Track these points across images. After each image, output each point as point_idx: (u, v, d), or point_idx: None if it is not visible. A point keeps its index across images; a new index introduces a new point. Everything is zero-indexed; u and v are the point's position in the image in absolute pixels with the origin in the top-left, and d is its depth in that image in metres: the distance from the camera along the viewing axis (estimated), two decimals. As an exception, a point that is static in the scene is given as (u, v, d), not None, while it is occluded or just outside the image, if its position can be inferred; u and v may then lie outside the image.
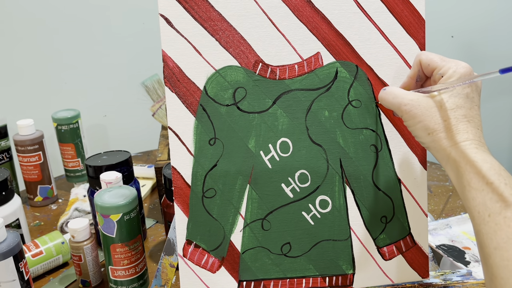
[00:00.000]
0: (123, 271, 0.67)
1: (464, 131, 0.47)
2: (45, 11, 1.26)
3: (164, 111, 1.03)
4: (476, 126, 0.48)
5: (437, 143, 0.48)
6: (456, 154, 0.47)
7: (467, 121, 0.48)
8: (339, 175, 0.58)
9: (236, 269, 0.59)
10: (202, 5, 0.54)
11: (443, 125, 0.48)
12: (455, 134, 0.47)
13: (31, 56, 1.29)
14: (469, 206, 0.45)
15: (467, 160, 0.46)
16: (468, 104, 0.48)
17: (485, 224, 0.43)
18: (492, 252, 0.42)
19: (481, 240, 0.43)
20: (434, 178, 1.05)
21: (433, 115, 0.48)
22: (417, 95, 0.50)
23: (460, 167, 0.46)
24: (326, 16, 0.56)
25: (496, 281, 0.40)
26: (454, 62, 0.50)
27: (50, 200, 1.01)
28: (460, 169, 0.46)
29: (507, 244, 0.40)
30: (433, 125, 0.48)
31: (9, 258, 0.60)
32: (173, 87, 0.55)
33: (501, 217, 0.42)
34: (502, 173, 0.44)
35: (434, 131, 0.48)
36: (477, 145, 0.46)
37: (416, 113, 0.49)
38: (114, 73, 1.35)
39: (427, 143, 0.49)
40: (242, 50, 0.55)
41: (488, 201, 0.43)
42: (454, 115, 0.48)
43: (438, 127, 0.48)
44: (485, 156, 0.45)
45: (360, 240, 0.60)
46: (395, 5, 0.56)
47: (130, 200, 0.65)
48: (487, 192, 0.43)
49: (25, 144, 0.95)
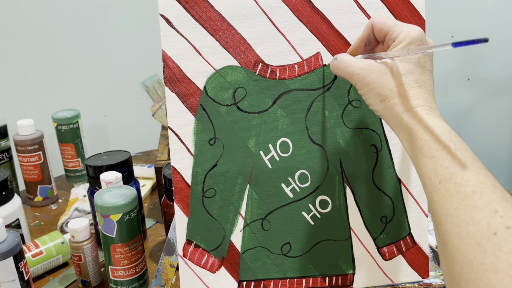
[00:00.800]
0: (123, 271, 0.67)
1: (415, 96, 0.46)
2: (45, 11, 1.26)
3: (164, 111, 1.03)
4: (427, 92, 0.47)
5: (389, 110, 0.48)
6: (408, 120, 0.46)
7: (418, 86, 0.47)
8: (339, 175, 0.58)
9: (236, 269, 0.59)
10: (202, 5, 0.54)
11: (395, 91, 0.47)
12: (406, 100, 0.47)
13: (31, 56, 1.29)
14: (421, 173, 0.44)
15: (418, 126, 0.45)
16: (419, 69, 0.47)
17: (436, 191, 0.42)
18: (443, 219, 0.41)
19: (432, 207, 0.43)
20: (434, 178, 1.05)
21: (385, 81, 0.48)
22: (369, 63, 0.49)
23: (412, 134, 0.46)
24: (326, 16, 0.56)
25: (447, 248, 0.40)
26: (406, 26, 0.48)
27: (50, 200, 1.01)
28: (412, 136, 0.46)
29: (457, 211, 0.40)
30: (385, 92, 0.47)
31: (9, 258, 0.60)
32: (173, 87, 0.55)
33: (451, 183, 0.41)
34: (453, 138, 0.44)
35: (386, 98, 0.47)
36: (428, 111, 0.46)
37: (368, 80, 0.48)
38: (114, 73, 1.35)
39: (380, 111, 0.49)
40: (242, 50, 0.55)
41: (438, 167, 0.42)
42: (406, 81, 0.47)
43: (390, 93, 0.47)
44: (436, 121, 0.45)
45: (360, 240, 0.60)
46: (395, 5, 0.56)
47: (130, 200, 0.65)
48: (438, 159, 0.43)
49: (25, 144, 0.95)
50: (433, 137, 0.44)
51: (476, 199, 0.39)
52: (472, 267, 0.37)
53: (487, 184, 0.40)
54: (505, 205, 0.38)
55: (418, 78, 0.47)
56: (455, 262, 0.38)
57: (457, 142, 0.43)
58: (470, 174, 0.41)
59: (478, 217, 0.38)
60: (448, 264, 0.39)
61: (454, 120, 1.48)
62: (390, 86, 0.47)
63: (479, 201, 0.39)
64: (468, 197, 0.39)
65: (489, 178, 0.41)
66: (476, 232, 0.37)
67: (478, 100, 1.45)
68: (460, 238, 0.38)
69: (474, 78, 1.42)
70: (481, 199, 0.39)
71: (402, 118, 0.46)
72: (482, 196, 0.39)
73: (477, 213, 0.38)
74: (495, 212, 0.37)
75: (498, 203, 0.38)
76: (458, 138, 0.44)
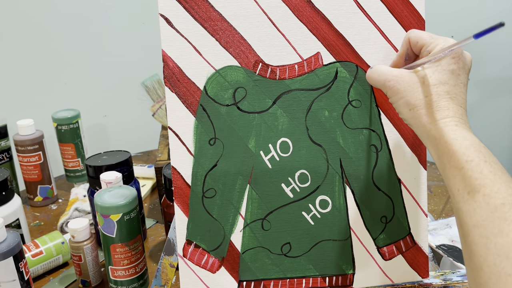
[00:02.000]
0: (123, 271, 0.67)
1: (445, 107, 0.46)
2: (45, 11, 1.26)
3: (164, 111, 1.03)
4: (459, 104, 0.47)
5: (418, 119, 0.48)
6: (436, 131, 0.46)
7: (450, 98, 0.47)
8: (339, 175, 0.58)
9: (236, 269, 0.59)
10: (202, 5, 0.54)
11: (424, 101, 0.47)
12: (435, 111, 0.46)
13: (31, 56, 1.29)
14: (449, 184, 0.44)
15: (447, 137, 0.45)
16: (452, 81, 0.47)
17: (465, 202, 0.42)
18: (471, 230, 0.41)
19: (460, 218, 0.43)
20: (434, 178, 1.05)
21: (415, 90, 0.48)
22: (401, 71, 0.49)
23: (440, 144, 0.45)
24: (326, 16, 0.56)
25: (475, 258, 0.40)
26: (443, 38, 0.49)
27: (50, 200, 1.01)
28: (440, 147, 0.45)
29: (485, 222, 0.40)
30: (415, 101, 0.47)
31: (9, 258, 0.60)
32: (173, 87, 0.55)
33: (480, 195, 0.41)
34: (482, 150, 0.43)
35: (415, 107, 0.47)
36: (457, 122, 0.46)
37: (399, 88, 0.48)
38: (114, 73, 1.35)
39: (409, 119, 0.49)
40: (242, 50, 0.55)
41: (467, 179, 0.42)
42: (436, 91, 0.47)
43: (420, 102, 0.47)
44: (465, 133, 0.45)
45: (360, 240, 0.60)
46: (395, 5, 0.56)
47: (130, 200, 0.65)
48: (467, 170, 0.43)
49: (25, 144, 0.95)
50: (462, 148, 0.44)
51: (506, 212, 0.39)
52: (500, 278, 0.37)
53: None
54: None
55: (450, 90, 0.47)
56: (483, 272, 0.39)
57: (486, 154, 0.43)
58: (499, 186, 0.41)
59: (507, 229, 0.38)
60: (475, 274, 0.40)
61: (454, 120, 1.47)
62: (419, 95, 0.47)
63: (508, 214, 0.39)
64: (497, 209, 0.40)
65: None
66: (505, 243, 0.38)
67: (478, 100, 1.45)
68: (488, 249, 0.39)
69: (474, 78, 1.42)
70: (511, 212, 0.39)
71: (430, 128, 0.46)
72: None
73: (506, 225, 0.38)
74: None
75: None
76: (488, 151, 0.44)
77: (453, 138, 0.45)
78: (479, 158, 0.43)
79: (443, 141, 0.45)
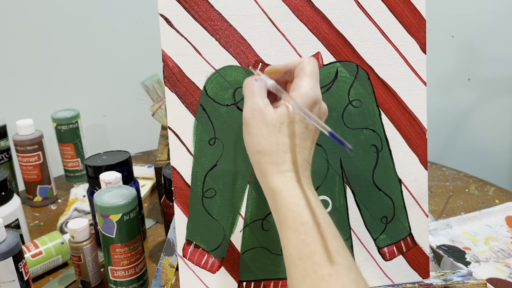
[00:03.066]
0: (122, 271, 0.67)
1: (291, 161, 0.44)
2: (44, 11, 1.26)
3: (164, 111, 1.02)
4: (305, 158, 0.45)
5: (262, 165, 0.45)
6: (276, 184, 0.44)
7: (298, 151, 0.45)
8: (339, 175, 0.58)
9: (236, 270, 0.59)
10: (202, 5, 0.54)
11: (275, 149, 0.44)
12: (281, 162, 0.44)
13: (30, 56, 1.29)
14: (284, 245, 0.42)
15: (286, 194, 0.43)
16: (304, 135, 0.45)
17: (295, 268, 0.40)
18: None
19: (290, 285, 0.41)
20: (435, 178, 1.05)
21: (270, 134, 0.45)
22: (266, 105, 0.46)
23: (278, 200, 0.43)
24: (326, 15, 0.56)
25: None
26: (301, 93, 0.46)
27: (49, 200, 1.01)
28: (278, 202, 0.44)
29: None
30: (265, 145, 0.45)
31: (9, 259, 0.60)
32: (173, 87, 0.55)
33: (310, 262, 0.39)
34: (317, 212, 0.42)
35: (264, 151, 0.45)
36: (299, 178, 0.44)
37: (255, 123, 0.45)
38: (114, 73, 1.35)
39: (254, 162, 0.46)
40: (242, 50, 0.55)
41: (300, 243, 0.41)
42: (289, 143, 0.45)
43: (270, 148, 0.45)
44: (305, 191, 0.43)
45: (360, 241, 0.59)
46: (395, 5, 0.56)
47: (129, 200, 0.65)
48: (300, 233, 0.41)
49: (24, 144, 0.95)
50: (298, 208, 0.42)
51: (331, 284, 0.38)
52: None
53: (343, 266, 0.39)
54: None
55: (300, 143, 0.45)
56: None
57: (321, 216, 0.42)
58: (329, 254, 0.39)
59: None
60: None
61: (454, 120, 1.47)
62: (272, 141, 0.45)
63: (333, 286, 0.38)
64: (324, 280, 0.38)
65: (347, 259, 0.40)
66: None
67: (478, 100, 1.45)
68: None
69: (474, 78, 1.42)
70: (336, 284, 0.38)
71: (271, 179, 0.44)
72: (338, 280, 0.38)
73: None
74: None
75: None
76: (324, 211, 0.43)
77: (292, 196, 0.43)
78: (313, 221, 0.41)
79: (282, 197, 0.43)
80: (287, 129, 0.45)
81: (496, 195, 0.97)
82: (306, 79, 0.46)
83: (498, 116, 1.47)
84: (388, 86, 0.57)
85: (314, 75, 0.47)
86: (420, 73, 0.57)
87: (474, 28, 1.36)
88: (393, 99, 0.58)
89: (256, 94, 0.46)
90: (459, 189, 1.00)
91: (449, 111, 1.45)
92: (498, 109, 1.46)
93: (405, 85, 0.57)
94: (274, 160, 0.45)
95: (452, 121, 1.47)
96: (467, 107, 1.46)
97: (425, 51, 0.57)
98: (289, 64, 0.49)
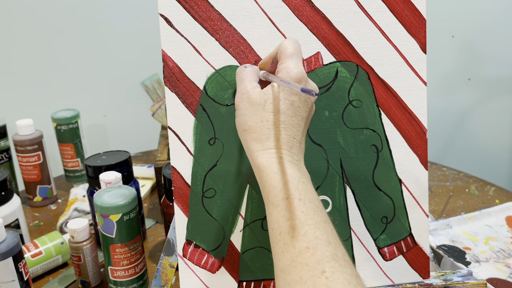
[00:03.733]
0: (122, 271, 0.67)
1: (275, 137, 0.45)
2: (44, 11, 1.26)
3: (164, 111, 1.02)
4: (292, 135, 0.45)
5: (248, 143, 0.46)
6: (261, 161, 0.44)
7: (284, 127, 0.45)
8: (340, 175, 0.58)
9: (236, 269, 0.59)
10: (202, 5, 0.54)
11: (260, 126, 0.45)
12: (266, 139, 0.45)
13: (30, 56, 1.29)
14: (268, 221, 0.43)
15: (269, 170, 0.43)
16: (290, 112, 0.45)
17: (276, 242, 0.41)
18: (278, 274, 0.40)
19: (273, 259, 0.41)
20: (435, 178, 1.05)
21: (255, 112, 0.46)
22: (254, 87, 0.47)
23: (262, 176, 0.44)
24: (326, 15, 0.56)
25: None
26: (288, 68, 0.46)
27: (49, 200, 1.01)
28: (262, 179, 0.44)
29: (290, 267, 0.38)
30: (251, 123, 0.46)
31: (9, 259, 0.60)
32: (173, 87, 0.55)
33: (289, 237, 0.40)
34: (300, 187, 0.42)
35: (249, 129, 0.46)
36: (283, 155, 0.44)
37: (243, 105, 0.47)
38: (113, 73, 1.35)
39: (242, 142, 0.47)
40: (242, 49, 0.55)
41: (281, 218, 0.41)
42: (272, 119, 0.45)
43: (255, 126, 0.45)
44: (288, 167, 0.43)
45: (360, 241, 0.59)
46: (395, 5, 0.56)
47: (129, 200, 0.65)
48: (281, 208, 0.41)
49: (24, 144, 0.95)
50: (280, 184, 0.42)
51: (308, 257, 0.38)
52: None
53: (322, 240, 0.39)
54: (333, 265, 0.37)
55: (286, 120, 0.45)
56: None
57: (303, 191, 0.42)
58: (308, 228, 0.40)
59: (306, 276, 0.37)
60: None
61: (454, 120, 1.47)
62: (256, 119, 0.46)
63: (310, 259, 0.38)
64: (301, 254, 0.38)
65: (326, 233, 0.40)
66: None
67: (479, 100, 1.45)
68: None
69: (474, 78, 1.42)
70: (313, 257, 0.38)
71: (257, 156, 0.45)
72: (314, 254, 0.38)
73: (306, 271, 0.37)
74: (322, 273, 0.37)
75: (328, 262, 0.37)
76: (306, 187, 0.43)
77: (274, 172, 0.43)
78: (293, 196, 0.41)
79: (265, 173, 0.44)
80: (271, 106, 0.45)
81: (496, 195, 0.97)
82: (286, 61, 0.47)
83: (498, 116, 1.47)
84: (388, 86, 0.57)
85: (295, 55, 0.47)
86: (420, 73, 0.57)
87: (474, 28, 1.36)
88: (393, 99, 0.58)
89: (245, 80, 0.48)
90: (459, 189, 1.00)
91: (449, 111, 1.45)
92: (498, 109, 1.46)
93: (405, 85, 0.57)
94: (258, 137, 0.45)
95: (452, 121, 1.47)
96: (467, 107, 1.46)
97: (425, 51, 0.57)
98: (271, 52, 0.50)
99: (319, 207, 0.42)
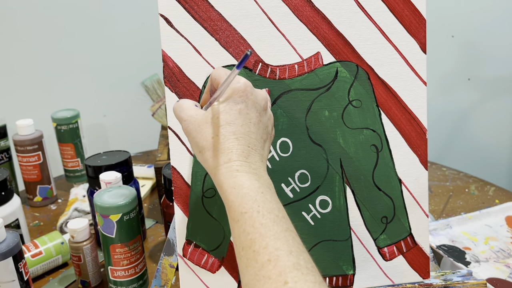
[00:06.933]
0: (122, 271, 0.67)
1: (229, 150, 0.44)
2: (44, 11, 1.26)
3: (164, 111, 1.02)
4: (246, 144, 0.45)
5: (206, 163, 0.45)
6: (219, 177, 0.44)
7: (235, 138, 0.44)
8: (339, 175, 0.58)
9: (236, 269, 0.59)
10: (202, 5, 0.54)
11: (211, 143, 0.45)
12: (220, 154, 0.44)
13: (30, 56, 1.29)
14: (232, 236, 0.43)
15: (226, 186, 0.43)
16: (239, 121, 0.45)
17: (240, 258, 0.41)
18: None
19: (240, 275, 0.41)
20: (435, 178, 1.05)
21: (204, 132, 0.45)
22: (197, 111, 0.47)
23: (221, 193, 0.44)
24: (326, 15, 0.56)
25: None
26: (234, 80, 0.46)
27: (49, 200, 1.01)
28: (222, 196, 0.44)
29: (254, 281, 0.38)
30: (203, 143, 0.45)
31: (9, 259, 0.60)
32: (173, 87, 0.55)
33: (251, 251, 0.39)
34: (258, 198, 0.42)
35: (203, 149, 0.45)
36: (239, 166, 0.44)
37: (191, 129, 0.46)
38: (114, 73, 1.34)
39: (201, 163, 0.47)
40: (242, 50, 0.55)
41: (242, 233, 0.41)
42: (222, 132, 0.45)
43: (207, 144, 0.45)
44: (245, 178, 0.43)
45: (360, 241, 0.59)
46: (395, 5, 0.56)
47: (129, 200, 0.65)
48: (242, 223, 0.41)
49: (24, 144, 0.95)
50: (238, 198, 0.42)
51: (270, 269, 0.38)
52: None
53: (283, 250, 0.39)
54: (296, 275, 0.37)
55: (237, 130, 0.45)
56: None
57: (261, 203, 0.42)
58: (268, 240, 0.39)
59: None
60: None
61: (454, 120, 1.47)
62: (207, 137, 0.45)
63: (272, 272, 0.38)
64: (264, 267, 0.38)
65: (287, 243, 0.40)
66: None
67: (478, 100, 1.45)
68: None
69: (474, 78, 1.42)
70: (275, 269, 0.38)
71: (214, 173, 0.45)
72: (276, 266, 0.38)
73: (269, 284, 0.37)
74: (285, 284, 0.37)
75: (290, 273, 0.37)
76: (265, 197, 0.42)
77: (231, 187, 0.43)
78: (252, 209, 0.41)
79: (223, 189, 0.43)
80: (218, 120, 0.45)
81: (496, 195, 0.97)
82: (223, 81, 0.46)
83: (498, 116, 1.47)
84: (388, 86, 0.57)
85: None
86: (420, 73, 0.57)
87: (474, 28, 1.36)
88: (393, 99, 0.58)
89: (184, 108, 0.48)
90: (459, 189, 1.00)
91: (449, 111, 1.45)
92: (498, 109, 1.46)
93: (405, 85, 0.57)
94: (212, 154, 0.45)
95: (452, 121, 1.47)
96: (467, 107, 1.46)
97: (425, 51, 0.57)
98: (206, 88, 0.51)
99: (279, 216, 0.42)
